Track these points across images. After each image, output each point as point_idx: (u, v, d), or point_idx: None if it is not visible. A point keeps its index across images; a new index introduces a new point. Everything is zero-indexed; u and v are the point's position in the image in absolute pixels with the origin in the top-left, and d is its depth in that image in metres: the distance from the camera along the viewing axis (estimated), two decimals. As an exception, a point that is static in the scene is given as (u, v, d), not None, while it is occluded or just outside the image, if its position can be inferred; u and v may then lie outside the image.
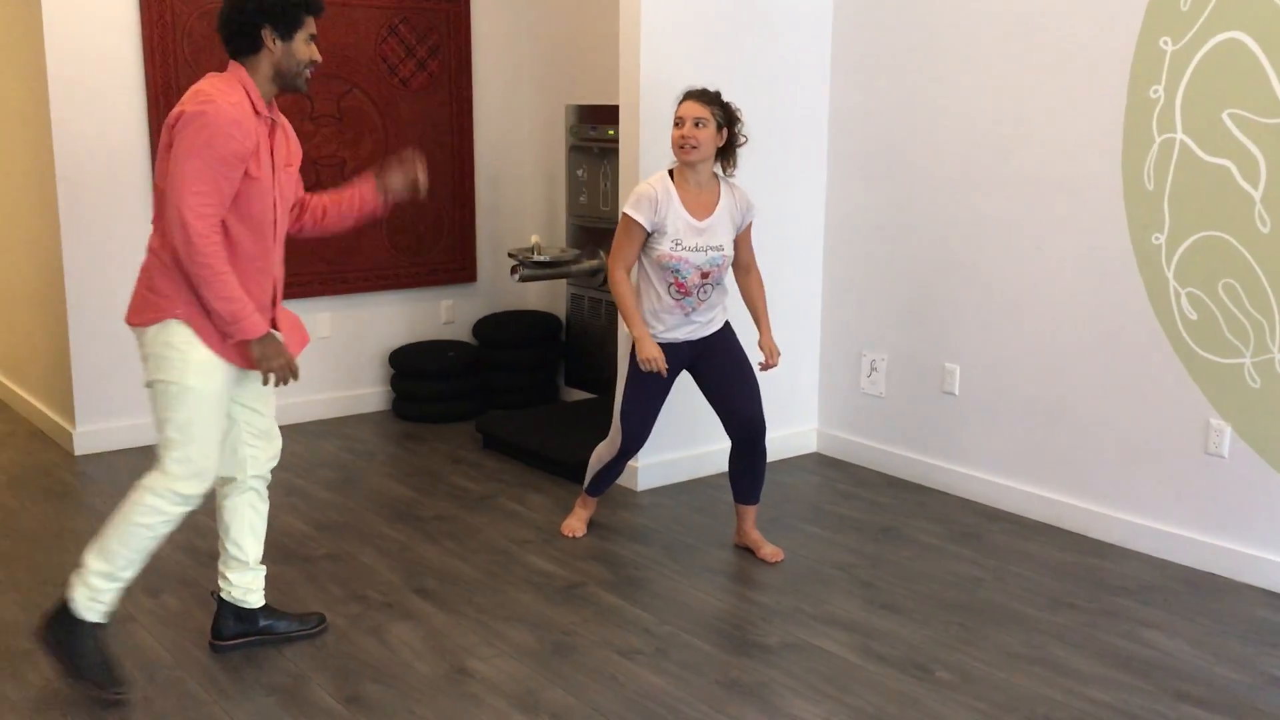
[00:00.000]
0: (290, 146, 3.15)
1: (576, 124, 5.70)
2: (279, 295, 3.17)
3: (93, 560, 3.03)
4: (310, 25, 3.01)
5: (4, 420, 5.74)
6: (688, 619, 3.57)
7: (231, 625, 3.30)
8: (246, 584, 3.30)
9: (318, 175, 5.53)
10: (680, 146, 3.73)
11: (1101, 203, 4.13)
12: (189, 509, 3.07)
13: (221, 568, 3.30)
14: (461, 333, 6.22)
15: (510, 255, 5.44)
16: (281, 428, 5.56)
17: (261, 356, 2.99)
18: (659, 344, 3.84)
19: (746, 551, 4.10)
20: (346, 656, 3.30)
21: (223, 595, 3.30)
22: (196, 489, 3.03)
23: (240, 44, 2.98)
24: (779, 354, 4.03)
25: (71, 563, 3.91)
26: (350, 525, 4.33)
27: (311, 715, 2.98)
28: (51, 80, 4.85)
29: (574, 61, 5.94)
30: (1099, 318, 4.19)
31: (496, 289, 6.30)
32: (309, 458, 5.15)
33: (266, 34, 2.96)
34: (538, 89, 6.20)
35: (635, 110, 4.43)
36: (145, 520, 3.00)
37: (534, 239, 5.43)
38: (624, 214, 3.77)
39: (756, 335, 4.02)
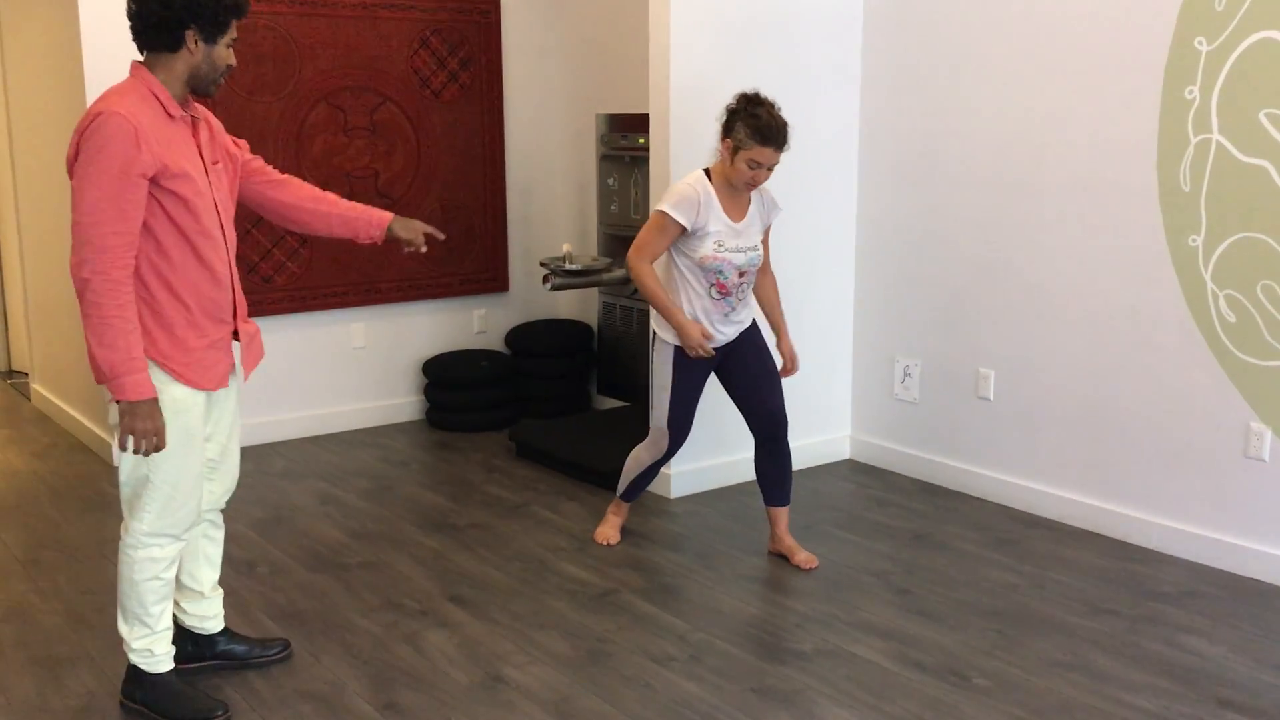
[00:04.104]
0: (219, 141, 2.94)
1: (607, 133, 5.72)
2: (240, 307, 2.96)
3: (126, 630, 2.98)
4: (234, 30, 2.81)
5: (45, 433, 5.82)
6: (722, 626, 3.56)
7: (188, 649, 3.21)
8: (202, 612, 3.22)
9: (351, 188, 5.58)
10: (747, 184, 3.73)
11: (1137, 205, 4.09)
12: (184, 543, 2.97)
13: (176, 596, 3.17)
14: (494, 342, 6.24)
15: (542, 264, 5.45)
16: (317, 438, 5.63)
17: (128, 413, 2.66)
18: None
19: (780, 558, 4.08)
20: (382, 664, 3.32)
21: (179, 622, 3.20)
22: (183, 525, 2.92)
23: (156, 40, 2.74)
24: (798, 360, 4.04)
25: (112, 573, 3.97)
26: (385, 534, 4.36)
27: (348, 722, 3.00)
28: (89, 90, 4.90)
29: (604, 71, 5.96)
30: (1135, 321, 4.15)
31: (528, 298, 6.33)
32: (344, 467, 5.18)
33: (190, 35, 2.73)
34: (568, 99, 6.23)
35: (665, 119, 4.44)
36: (148, 574, 2.91)
37: (565, 248, 5.43)
38: (662, 211, 3.75)
39: (774, 340, 4.03)
